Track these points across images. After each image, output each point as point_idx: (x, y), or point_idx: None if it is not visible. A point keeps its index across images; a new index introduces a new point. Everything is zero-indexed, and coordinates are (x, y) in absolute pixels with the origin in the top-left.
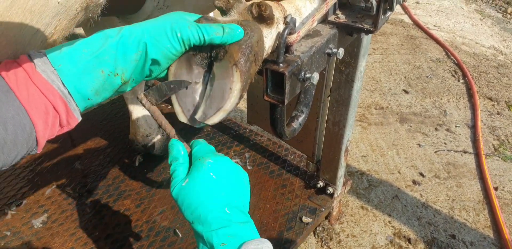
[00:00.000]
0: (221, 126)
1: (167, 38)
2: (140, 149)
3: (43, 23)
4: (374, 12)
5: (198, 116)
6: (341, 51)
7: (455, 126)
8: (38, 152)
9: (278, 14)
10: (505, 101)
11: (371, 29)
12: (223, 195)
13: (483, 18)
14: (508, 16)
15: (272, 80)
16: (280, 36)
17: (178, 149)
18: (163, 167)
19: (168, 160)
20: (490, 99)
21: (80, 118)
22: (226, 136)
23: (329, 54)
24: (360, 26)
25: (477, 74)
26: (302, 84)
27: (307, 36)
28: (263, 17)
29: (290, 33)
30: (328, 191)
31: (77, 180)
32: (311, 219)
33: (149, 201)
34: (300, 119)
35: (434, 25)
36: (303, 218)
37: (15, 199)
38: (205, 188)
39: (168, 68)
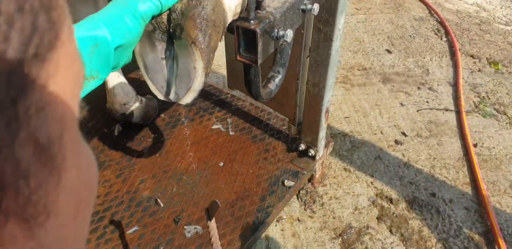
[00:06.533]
0: (202, 92)
1: (125, 22)
2: (119, 118)
3: None
4: None
5: (171, 97)
6: (316, 6)
7: (437, 85)
8: None
9: None
10: (486, 58)
11: None
12: None
13: None
14: None
15: (244, 39)
16: None
17: None
18: (143, 136)
19: (147, 129)
20: (472, 56)
21: None
22: (208, 102)
23: (303, 10)
24: None
25: (459, 32)
26: (276, 42)
27: None
28: None
29: None
30: (310, 154)
31: None
32: (293, 183)
33: (130, 171)
34: (277, 80)
35: None
36: (285, 181)
37: None
38: None
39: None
